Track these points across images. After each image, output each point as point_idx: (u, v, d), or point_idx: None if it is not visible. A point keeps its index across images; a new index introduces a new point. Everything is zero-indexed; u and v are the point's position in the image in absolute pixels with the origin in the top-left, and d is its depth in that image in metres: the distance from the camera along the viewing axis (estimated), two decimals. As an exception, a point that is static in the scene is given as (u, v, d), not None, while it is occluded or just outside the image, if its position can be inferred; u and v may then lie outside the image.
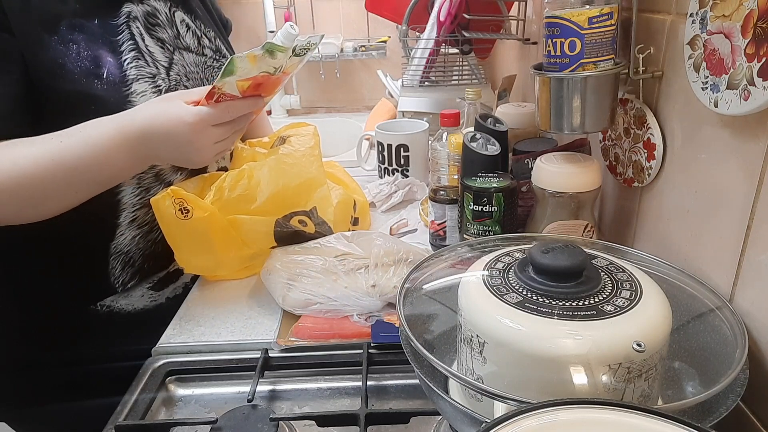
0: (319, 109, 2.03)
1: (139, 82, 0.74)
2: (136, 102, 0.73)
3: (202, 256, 0.79)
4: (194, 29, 0.84)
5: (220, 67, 0.84)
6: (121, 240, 0.79)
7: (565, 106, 0.65)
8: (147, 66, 0.75)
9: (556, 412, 0.33)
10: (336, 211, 0.84)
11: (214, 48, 0.87)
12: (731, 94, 0.48)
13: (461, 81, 1.30)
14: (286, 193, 0.80)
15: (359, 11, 1.82)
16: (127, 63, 0.73)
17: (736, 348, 0.45)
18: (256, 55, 0.65)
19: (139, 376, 0.65)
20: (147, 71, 0.75)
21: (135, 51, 0.75)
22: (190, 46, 0.83)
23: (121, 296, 0.82)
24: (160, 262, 0.85)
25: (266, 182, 0.78)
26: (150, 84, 0.75)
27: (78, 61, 0.69)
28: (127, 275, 0.82)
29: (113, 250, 0.79)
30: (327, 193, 0.84)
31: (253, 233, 0.79)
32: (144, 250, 0.82)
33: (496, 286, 0.45)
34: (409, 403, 0.62)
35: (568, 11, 0.61)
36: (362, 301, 0.71)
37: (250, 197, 0.78)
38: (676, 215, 0.63)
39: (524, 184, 0.80)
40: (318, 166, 0.84)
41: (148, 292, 0.85)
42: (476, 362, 0.44)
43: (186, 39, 0.82)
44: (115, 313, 0.82)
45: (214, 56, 0.86)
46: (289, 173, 0.80)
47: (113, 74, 0.72)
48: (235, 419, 0.56)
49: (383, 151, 1.14)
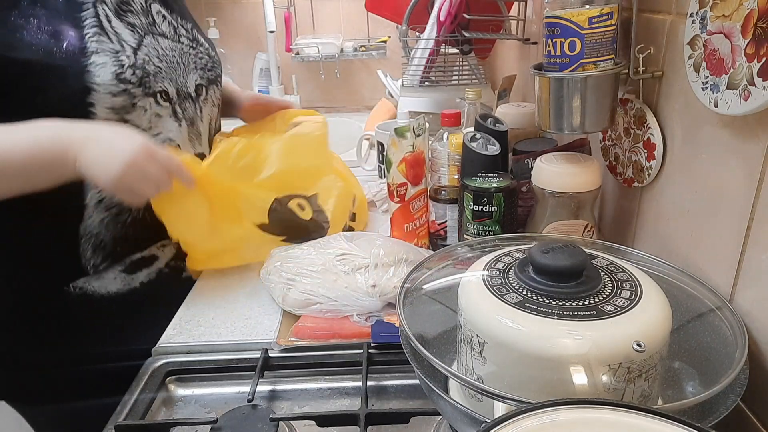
0: (319, 109, 2.01)
1: (100, 54, 0.74)
2: (94, 72, 0.73)
3: (193, 223, 0.78)
4: (170, 20, 0.85)
5: (197, 54, 0.86)
6: (89, 222, 0.79)
7: (565, 106, 0.65)
8: (110, 42, 0.76)
9: (556, 412, 0.33)
10: (336, 203, 0.85)
11: (191, 37, 0.88)
12: (731, 94, 0.48)
13: (461, 81, 1.30)
14: (291, 173, 0.80)
15: (359, 11, 1.82)
16: (88, 37, 0.74)
17: (736, 348, 0.45)
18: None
19: (139, 376, 0.65)
20: (109, 46, 0.76)
21: (98, 28, 0.75)
22: (165, 33, 0.83)
23: (93, 278, 0.82)
24: (132, 245, 0.85)
25: (275, 158, 0.78)
26: (111, 58, 0.75)
27: (38, 34, 0.70)
28: (99, 258, 0.82)
29: (83, 232, 0.79)
30: (331, 183, 0.84)
31: (249, 205, 0.78)
32: (114, 233, 0.82)
33: (496, 286, 0.45)
34: (409, 403, 0.62)
35: (568, 11, 0.61)
36: (362, 301, 0.71)
37: (255, 169, 0.78)
38: (676, 215, 0.63)
39: (524, 184, 0.80)
40: (326, 154, 0.84)
41: (121, 275, 0.84)
42: (476, 362, 0.44)
43: (162, 27, 0.83)
44: (89, 296, 0.82)
45: (190, 44, 0.87)
46: (299, 154, 0.81)
47: (73, 45, 0.73)
48: (235, 419, 0.56)
49: (383, 151, 1.14)
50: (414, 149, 0.84)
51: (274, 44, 1.83)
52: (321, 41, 1.88)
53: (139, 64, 0.77)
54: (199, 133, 0.87)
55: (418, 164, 0.85)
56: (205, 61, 0.88)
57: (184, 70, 0.84)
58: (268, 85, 1.92)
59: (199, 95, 0.87)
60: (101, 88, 0.73)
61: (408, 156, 0.83)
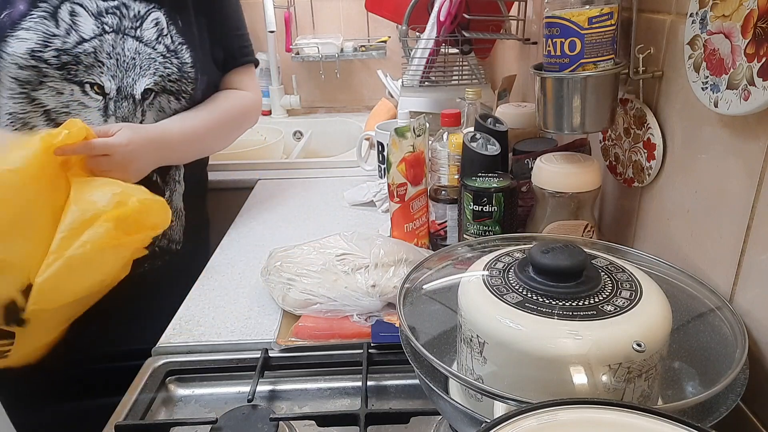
0: (319, 109, 2.03)
1: (29, 32, 0.79)
2: (10, 43, 0.79)
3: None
4: (163, 29, 0.88)
5: (164, 63, 0.88)
6: None
7: (565, 106, 0.65)
8: (52, 27, 0.80)
9: (556, 412, 0.33)
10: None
11: (172, 49, 0.89)
12: (731, 94, 0.48)
13: (461, 81, 1.30)
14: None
15: (359, 11, 1.82)
16: (30, 16, 0.80)
17: (736, 348, 0.45)
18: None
19: (139, 376, 0.65)
20: (45, 29, 0.80)
21: (47, 13, 0.80)
22: (141, 37, 0.86)
23: None
24: None
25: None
26: (39, 37, 0.80)
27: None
28: None
29: None
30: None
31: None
32: None
33: (496, 286, 0.45)
34: (409, 403, 0.62)
35: (568, 11, 0.61)
36: (362, 301, 0.71)
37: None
38: (676, 215, 0.63)
39: (524, 184, 0.80)
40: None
41: None
42: (476, 362, 0.44)
43: (144, 32, 0.87)
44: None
45: (166, 55, 0.89)
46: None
47: (12, 17, 0.79)
48: (235, 419, 0.56)
49: (383, 151, 1.14)
50: (414, 149, 0.84)
51: (274, 44, 1.83)
52: (321, 41, 1.88)
53: (73, 52, 0.81)
54: None
55: (418, 164, 0.85)
56: (169, 72, 0.89)
57: (138, 72, 0.86)
58: (268, 85, 1.92)
59: (145, 99, 0.88)
60: (9, 58, 0.79)
61: (408, 156, 0.83)
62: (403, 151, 0.82)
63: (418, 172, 0.85)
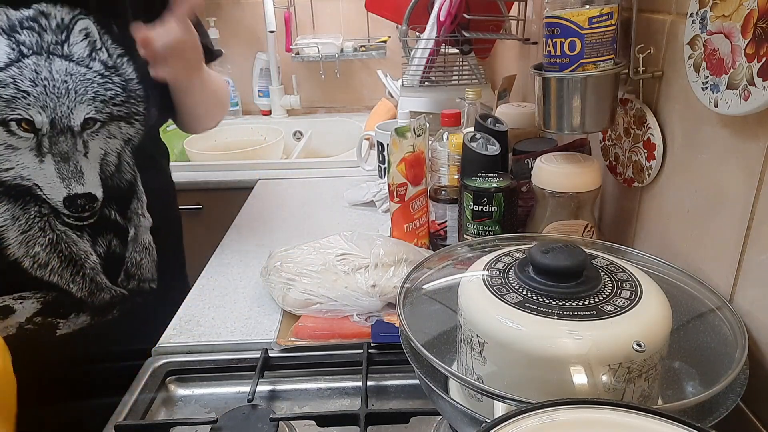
0: (319, 109, 2.03)
1: None
2: None
3: None
4: (95, 41, 0.75)
5: (104, 84, 0.75)
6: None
7: (565, 106, 0.65)
8: None
9: (556, 412, 0.33)
10: None
11: (111, 65, 0.76)
12: (731, 94, 0.48)
13: (461, 81, 1.30)
14: None
15: (359, 11, 1.82)
16: None
17: (736, 348, 0.45)
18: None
19: (139, 376, 0.66)
20: None
21: None
22: (71, 55, 0.73)
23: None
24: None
25: None
26: None
27: None
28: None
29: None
30: None
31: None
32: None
33: (496, 286, 0.45)
34: (409, 403, 0.62)
35: (568, 11, 0.61)
36: (362, 301, 0.71)
37: None
38: (676, 215, 0.63)
39: (524, 184, 0.80)
40: None
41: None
42: (476, 362, 0.44)
43: (73, 47, 0.73)
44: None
45: (104, 73, 0.75)
46: None
47: None
48: (235, 419, 0.56)
49: (383, 151, 1.14)
50: (414, 149, 0.84)
51: (274, 44, 1.83)
52: (321, 41, 1.88)
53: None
54: (80, 171, 0.75)
55: (418, 164, 0.85)
56: (112, 94, 0.76)
57: (73, 99, 0.73)
58: (268, 85, 1.92)
59: (86, 129, 0.74)
60: None
61: (408, 156, 0.83)
62: (403, 151, 0.82)
63: (418, 172, 0.85)
